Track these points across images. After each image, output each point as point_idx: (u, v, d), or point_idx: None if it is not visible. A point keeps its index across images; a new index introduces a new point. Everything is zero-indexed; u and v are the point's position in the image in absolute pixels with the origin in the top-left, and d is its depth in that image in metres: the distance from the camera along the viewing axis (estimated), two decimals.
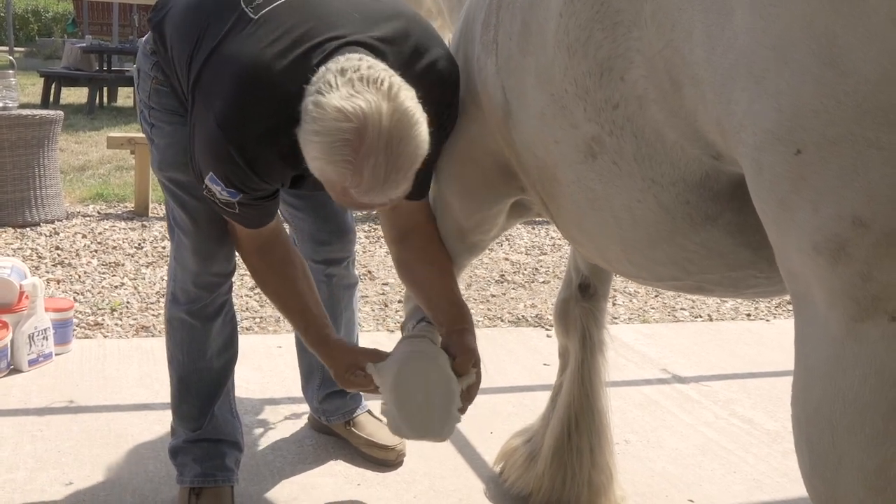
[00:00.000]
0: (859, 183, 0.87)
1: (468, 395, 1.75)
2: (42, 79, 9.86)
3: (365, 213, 3.74)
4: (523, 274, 4.44)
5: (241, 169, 1.62)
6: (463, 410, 1.75)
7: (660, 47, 1.13)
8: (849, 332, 0.93)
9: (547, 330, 3.64)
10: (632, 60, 1.19)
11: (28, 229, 4.53)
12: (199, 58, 1.68)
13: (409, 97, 1.46)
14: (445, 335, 1.80)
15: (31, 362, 2.85)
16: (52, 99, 9.65)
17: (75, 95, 10.60)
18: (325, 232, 2.28)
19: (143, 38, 2.01)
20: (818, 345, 0.97)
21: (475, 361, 1.77)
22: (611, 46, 1.21)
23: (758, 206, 1.03)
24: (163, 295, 3.70)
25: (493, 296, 4.08)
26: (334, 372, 1.82)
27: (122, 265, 4.09)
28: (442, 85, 1.69)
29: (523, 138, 1.52)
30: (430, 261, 1.86)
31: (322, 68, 1.50)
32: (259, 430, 2.57)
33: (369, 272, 4.24)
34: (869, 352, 0.91)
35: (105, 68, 10.14)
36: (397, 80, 1.47)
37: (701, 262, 1.33)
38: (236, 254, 2.06)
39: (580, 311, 2.15)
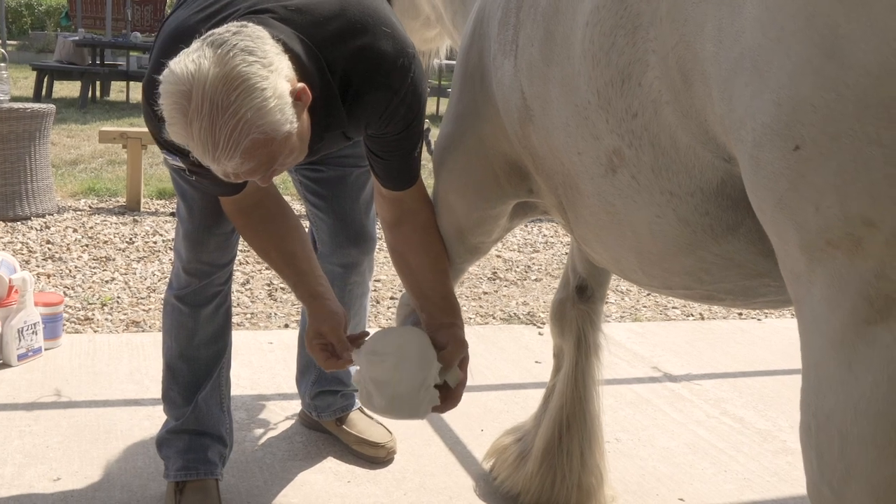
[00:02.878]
0: (861, 182, 0.84)
1: (454, 394, 1.73)
2: (34, 72, 9.82)
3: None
4: (515, 271, 4.43)
5: (159, 126, 1.57)
6: (442, 409, 1.72)
7: (672, 44, 1.11)
8: (860, 335, 0.89)
9: (539, 327, 3.64)
10: (648, 63, 1.17)
11: (19, 223, 4.50)
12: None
13: (247, 62, 1.38)
14: (435, 328, 1.77)
15: (21, 357, 2.84)
16: (44, 93, 9.62)
17: (68, 89, 10.56)
18: (343, 235, 2.27)
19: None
20: (829, 350, 0.94)
21: (463, 358, 1.74)
22: (631, 52, 1.20)
23: (755, 206, 1.01)
24: (153, 290, 3.69)
25: (485, 293, 4.08)
26: (309, 330, 1.78)
27: (113, 260, 4.07)
28: (382, 66, 1.63)
29: (548, 145, 1.49)
30: (424, 251, 1.83)
31: None
32: (249, 427, 2.56)
33: None
34: (882, 357, 0.87)
35: (98, 62, 10.09)
36: (244, 45, 1.39)
37: (718, 272, 1.31)
38: (236, 249, 2.07)
39: (576, 312, 2.14)
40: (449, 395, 1.72)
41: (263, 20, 1.52)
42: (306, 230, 1.96)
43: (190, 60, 1.37)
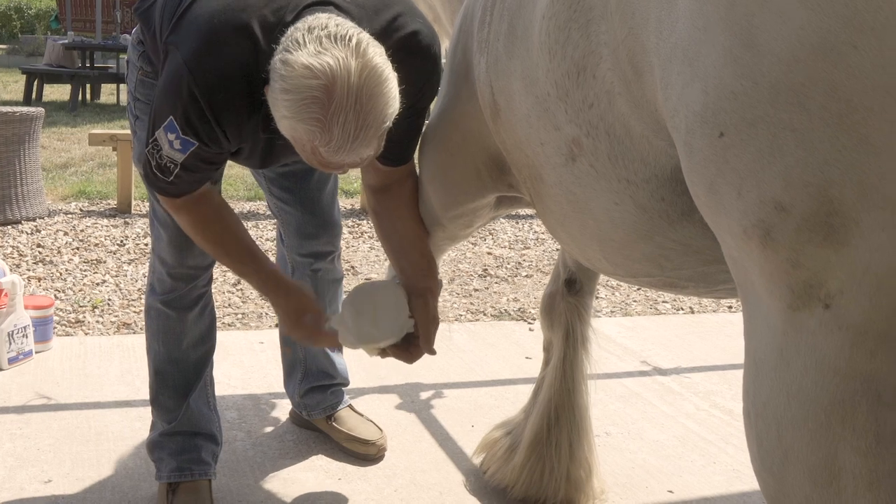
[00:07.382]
0: (776, 166, 0.87)
1: (417, 351, 1.86)
2: (24, 76, 9.80)
3: (350, 206, 3.73)
4: (506, 268, 4.45)
5: (202, 110, 1.59)
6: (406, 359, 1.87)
7: (622, 37, 1.14)
8: (787, 321, 0.91)
9: (529, 324, 3.65)
10: (601, 55, 1.21)
11: (9, 227, 4.50)
12: (176, 17, 1.69)
13: (377, 53, 1.44)
14: (411, 291, 1.85)
15: (11, 360, 2.84)
16: (34, 96, 9.61)
17: (58, 92, 10.54)
18: (311, 225, 2.28)
19: (133, 30, 2.01)
20: (763, 336, 0.96)
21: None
22: (585, 45, 1.23)
23: (693, 193, 1.04)
24: (144, 292, 3.68)
25: (476, 290, 4.09)
26: (285, 313, 1.84)
27: (104, 262, 4.07)
28: (420, 56, 1.70)
29: (514, 138, 1.53)
30: (406, 215, 1.90)
31: (290, 28, 1.50)
32: (240, 426, 2.57)
33: (352, 267, 4.24)
34: (808, 342, 0.90)
35: (88, 65, 10.08)
36: (365, 37, 1.45)
37: (678, 258, 1.34)
38: None
39: (565, 306, 2.16)
40: (412, 351, 1.86)
41: (331, 11, 1.57)
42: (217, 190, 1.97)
43: (318, 54, 1.40)
